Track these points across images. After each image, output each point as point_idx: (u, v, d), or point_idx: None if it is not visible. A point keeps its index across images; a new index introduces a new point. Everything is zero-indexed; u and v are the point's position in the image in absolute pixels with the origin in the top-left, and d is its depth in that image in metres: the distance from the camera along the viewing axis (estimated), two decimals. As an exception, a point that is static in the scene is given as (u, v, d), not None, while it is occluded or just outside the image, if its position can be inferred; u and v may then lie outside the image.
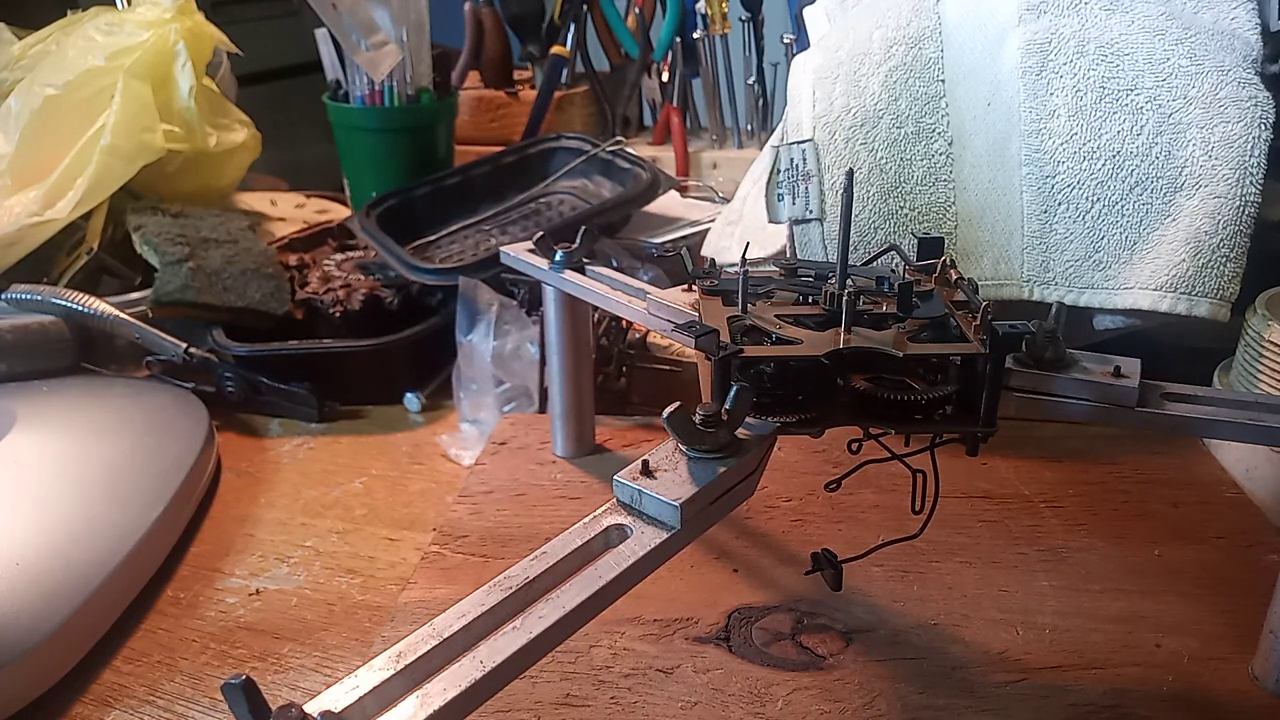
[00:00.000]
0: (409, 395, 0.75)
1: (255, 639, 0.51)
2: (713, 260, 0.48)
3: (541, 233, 0.57)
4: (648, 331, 0.71)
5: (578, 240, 0.56)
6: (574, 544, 0.34)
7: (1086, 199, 0.58)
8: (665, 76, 1.16)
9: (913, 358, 0.40)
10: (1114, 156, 0.57)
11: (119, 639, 0.51)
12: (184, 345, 0.74)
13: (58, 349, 0.75)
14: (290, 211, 1.04)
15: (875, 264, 0.49)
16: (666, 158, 1.11)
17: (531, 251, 0.58)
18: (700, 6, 1.09)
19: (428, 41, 0.98)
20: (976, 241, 0.61)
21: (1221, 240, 0.55)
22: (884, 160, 0.62)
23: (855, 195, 0.53)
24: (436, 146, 1.01)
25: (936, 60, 0.62)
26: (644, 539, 0.34)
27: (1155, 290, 0.56)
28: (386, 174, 0.97)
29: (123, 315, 0.75)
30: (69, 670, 0.48)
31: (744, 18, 1.10)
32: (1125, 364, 0.41)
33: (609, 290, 0.53)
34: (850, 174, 0.41)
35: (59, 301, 0.75)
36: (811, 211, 0.64)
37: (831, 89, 0.64)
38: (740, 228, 0.79)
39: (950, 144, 0.62)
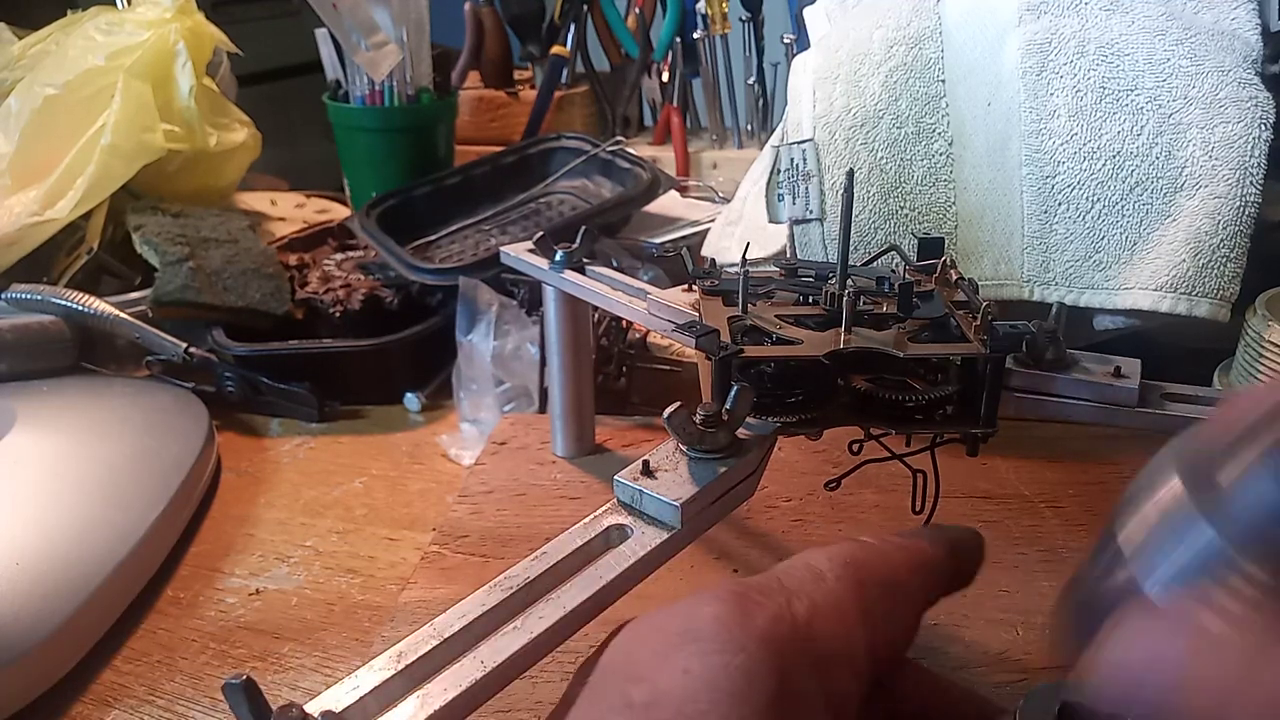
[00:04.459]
0: (409, 395, 0.75)
1: (255, 639, 0.51)
2: (713, 260, 0.48)
3: (541, 233, 0.57)
4: (648, 331, 0.71)
5: (578, 240, 0.56)
6: (574, 544, 0.34)
7: (1087, 199, 0.58)
8: (665, 76, 1.16)
9: (913, 358, 0.40)
10: (1114, 157, 0.57)
11: (119, 639, 0.51)
12: (184, 345, 0.74)
13: (58, 349, 0.75)
14: (290, 211, 1.04)
15: (875, 264, 0.48)
16: (666, 158, 1.11)
17: (531, 251, 0.58)
18: (700, 6, 1.09)
19: (428, 41, 0.98)
20: (977, 242, 0.61)
21: (1221, 240, 0.55)
22: (884, 160, 0.62)
23: (855, 195, 0.53)
24: (436, 146, 1.01)
25: (937, 60, 0.62)
26: (644, 539, 0.34)
27: (1155, 290, 0.56)
28: (386, 174, 0.97)
29: (123, 315, 0.75)
30: (69, 670, 0.48)
31: (744, 18, 1.10)
32: (1125, 364, 0.41)
33: (609, 290, 0.52)
34: (850, 174, 0.41)
35: (59, 301, 0.75)
36: (811, 211, 0.64)
37: (831, 89, 0.63)
38: (740, 228, 0.79)
39: (950, 144, 0.62)
